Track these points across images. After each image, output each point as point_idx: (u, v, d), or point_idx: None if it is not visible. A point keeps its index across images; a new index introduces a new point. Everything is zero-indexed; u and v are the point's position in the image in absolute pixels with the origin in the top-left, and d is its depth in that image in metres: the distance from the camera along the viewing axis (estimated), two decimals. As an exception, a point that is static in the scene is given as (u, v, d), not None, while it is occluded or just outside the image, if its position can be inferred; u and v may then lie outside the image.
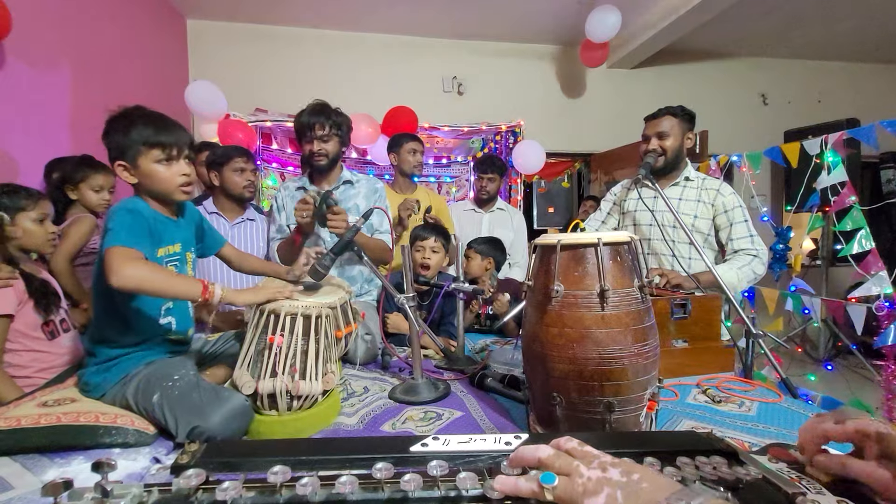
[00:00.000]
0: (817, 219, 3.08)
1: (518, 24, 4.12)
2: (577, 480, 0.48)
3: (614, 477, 0.47)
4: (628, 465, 0.49)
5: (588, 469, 0.49)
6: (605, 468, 0.49)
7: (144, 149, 1.17)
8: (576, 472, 0.49)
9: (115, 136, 1.17)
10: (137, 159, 1.17)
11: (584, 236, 0.89)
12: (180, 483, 0.51)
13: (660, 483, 0.47)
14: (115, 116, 1.19)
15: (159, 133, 1.18)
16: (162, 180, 1.19)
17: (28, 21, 2.14)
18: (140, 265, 1.05)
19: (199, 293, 1.10)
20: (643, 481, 0.46)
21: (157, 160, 1.18)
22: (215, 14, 3.89)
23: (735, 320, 1.88)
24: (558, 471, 0.50)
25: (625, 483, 0.47)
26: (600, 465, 0.49)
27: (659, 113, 1.91)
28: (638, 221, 2.00)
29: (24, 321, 1.52)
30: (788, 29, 4.32)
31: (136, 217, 1.14)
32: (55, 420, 1.02)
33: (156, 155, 1.17)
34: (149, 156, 1.17)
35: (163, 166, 1.18)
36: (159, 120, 1.20)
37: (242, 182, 2.17)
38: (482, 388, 1.35)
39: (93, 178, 2.05)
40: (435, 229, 2.06)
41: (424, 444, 0.59)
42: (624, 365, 0.85)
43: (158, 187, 1.20)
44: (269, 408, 1.10)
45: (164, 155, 1.18)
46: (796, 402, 1.22)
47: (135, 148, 1.16)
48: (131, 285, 1.04)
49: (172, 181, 1.20)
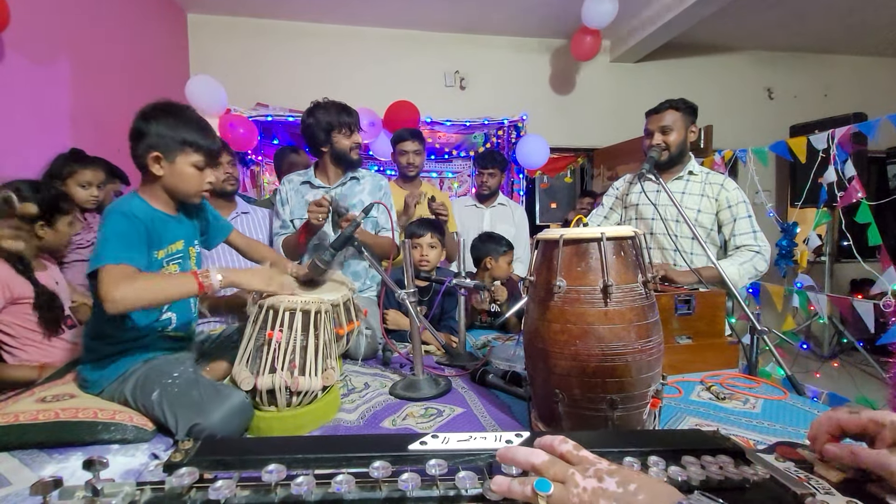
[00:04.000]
0: (823, 214, 3.05)
1: (521, 18, 4.08)
2: (572, 490, 0.46)
3: (610, 488, 0.46)
4: (625, 473, 0.48)
5: (584, 478, 0.47)
6: (601, 477, 0.47)
7: (189, 150, 1.17)
8: (571, 481, 0.47)
9: (161, 128, 1.15)
10: (177, 157, 1.16)
11: (588, 231, 0.88)
12: (173, 482, 0.50)
13: (658, 492, 0.45)
14: (163, 107, 1.18)
15: (206, 139, 1.19)
16: (190, 184, 1.20)
17: (27, 14, 2.12)
18: (130, 284, 1.02)
19: (195, 287, 1.08)
20: (640, 492, 0.45)
21: (194, 164, 1.18)
22: (216, 8, 3.87)
23: (739, 316, 1.86)
24: (553, 478, 0.48)
25: (620, 495, 0.45)
26: (596, 474, 0.47)
27: (661, 107, 1.88)
28: (641, 215, 1.98)
29: (25, 317, 1.52)
30: (794, 22, 4.26)
31: (130, 222, 1.11)
32: (53, 416, 1.01)
33: (196, 159, 1.18)
34: (189, 157, 1.18)
35: (196, 171, 1.19)
36: (206, 126, 1.22)
37: (220, 176, 2.04)
38: (483, 384, 1.34)
39: (80, 174, 2.01)
40: (430, 224, 2.03)
41: (423, 443, 0.58)
42: (627, 361, 0.83)
43: (182, 188, 1.20)
44: (268, 404, 1.09)
45: (204, 162, 1.20)
46: (801, 400, 1.21)
47: (179, 146, 1.16)
48: (126, 307, 1.03)
49: (199, 186, 1.22)
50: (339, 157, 1.96)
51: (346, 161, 1.98)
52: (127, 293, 1.01)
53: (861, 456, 0.55)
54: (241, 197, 2.37)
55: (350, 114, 1.93)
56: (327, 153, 1.96)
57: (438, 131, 3.91)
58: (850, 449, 0.56)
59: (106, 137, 2.41)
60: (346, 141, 1.93)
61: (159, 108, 1.18)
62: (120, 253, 1.05)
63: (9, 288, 1.49)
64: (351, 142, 1.94)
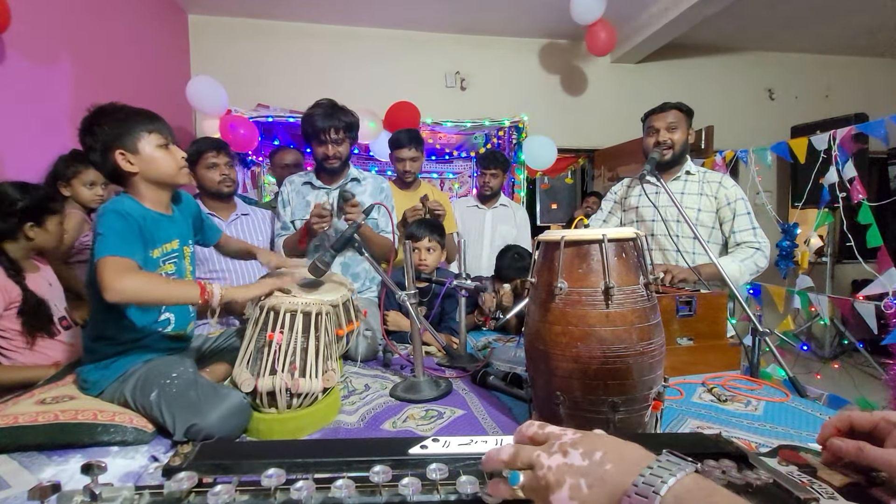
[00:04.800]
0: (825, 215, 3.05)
1: (522, 18, 4.08)
2: (538, 474, 0.44)
3: (576, 462, 0.43)
4: (590, 441, 0.45)
5: (549, 457, 0.45)
6: (565, 451, 0.44)
7: (146, 134, 1.17)
8: (537, 463, 0.45)
9: (111, 126, 1.15)
10: (138, 144, 1.17)
11: (589, 232, 0.87)
12: (172, 486, 0.50)
13: (626, 457, 0.43)
14: (98, 111, 1.17)
15: (154, 120, 1.20)
16: (165, 164, 1.20)
17: (28, 15, 2.12)
18: (133, 277, 1.03)
19: (198, 295, 1.09)
20: (607, 461, 0.42)
21: (158, 144, 1.19)
22: (217, 9, 3.87)
23: (741, 318, 1.86)
24: (521, 466, 0.47)
25: (587, 468, 0.43)
26: (560, 449, 0.45)
27: (665, 107, 1.89)
28: (641, 217, 1.98)
29: (19, 321, 1.52)
30: (795, 22, 4.26)
31: (125, 220, 1.11)
32: (53, 418, 1.01)
33: (156, 139, 1.19)
34: (150, 140, 1.18)
35: (163, 151, 1.20)
36: (148, 111, 1.22)
37: (217, 177, 2.05)
38: (484, 386, 1.34)
39: (84, 174, 2.01)
40: (428, 226, 2.00)
41: (424, 447, 0.57)
42: (629, 363, 0.83)
43: (161, 171, 1.20)
44: (268, 406, 1.09)
45: (164, 140, 1.20)
46: (803, 402, 1.20)
47: (135, 133, 1.16)
48: (126, 299, 1.04)
49: (174, 164, 1.21)
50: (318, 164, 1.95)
51: (322, 169, 1.95)
52: (130, 286, 1.02)
53: (868, 452, 0.54)
54: (242, 198, 2.36)
55: (329, 118, 1.85)
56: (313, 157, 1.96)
57: (439, 132, 3.91)
58: (857, 445, 0.56)
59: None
60: (319, 149, 1.89)
61: (95, 113, 1.17)
62: (120, 246, 1.06)
63: (7, 292, 1.49)
64: (324, 150, 1.88)
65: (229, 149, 2.21)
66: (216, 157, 2.06)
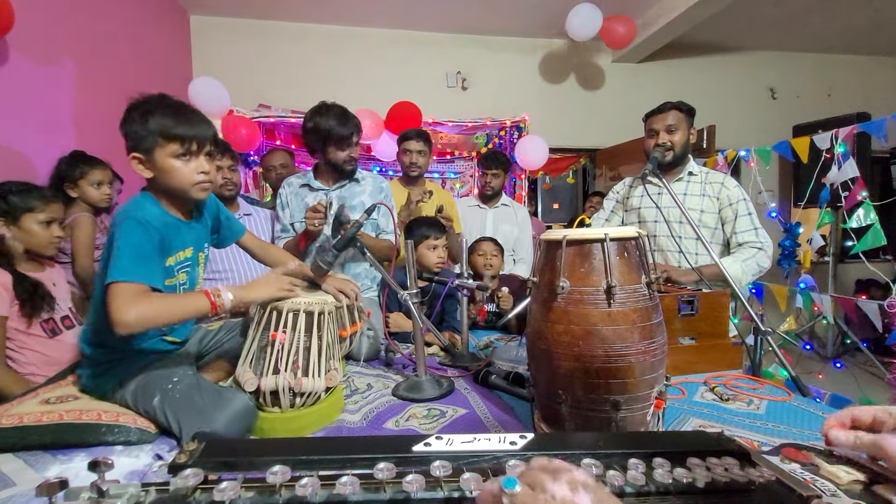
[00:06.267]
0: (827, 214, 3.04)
1: (523, 18, 4.08)
2: (539, 496, 0.42)
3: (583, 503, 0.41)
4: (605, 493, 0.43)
5: (554, 483, 0.42)
6: (575, 487, 0.42)
7: (162, 141, 1.07)
8: (540, 485, 0.43)
9: (132, 126, 1.07)
10: (153, 152, 1.07)
11: (591, 232, 0.87)
12: (178, 483, 0.50)
13: None
14: (135, 103, 1.09)
15: (179, 125, 1.07)
16: (178, 177, 1.09)
17: (30, 16, 2.13)
18: (142, 305, 0.97)
19: (208, 308, 1.04)
20: None
21: (174, 154, 1.08)
22: (218, 9, 3.88)
23: (743, 317, 1.86)
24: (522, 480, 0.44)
25: None
26: (570, 483, 0.42)
27: (664, 107, 1.88)
28: (643, 218, 1.97)
29: (22, 319, 1.53)
30: (797, 22, 4.25)
31: (145, 231, 1.04)
32: (57, 418, 1.01)
33: (173, 149, 1.07)
34: (166, 149, 1.07)
35: (180, 162, 1.09)
36: (181, 110, 1.10)
37: (218, 181, 2.00)
38: (486, 385, 1.34)
39: (91, 174, 2.02)
40: (439, 226, 2.03)
41: (427, 444, 0.58)
42: (631, 362, 0.83)
43: (173, 184, 1.10)
44: (271, 405, 1.09)
45: (183, 149, 1.08)
46: (805, 401, 1.20)
47: (151, 139, 1.06)
48: (137, 331, 0.98)
49: (189, 179, 1.10)
50: (332, 167, 1.96)
51: (340, 171, 1.98)
52: (139, 316, 0.96)
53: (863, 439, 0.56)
54: (244, 198, 2.37)
55: (347, 125, 1.88)
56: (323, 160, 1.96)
57: (440, 132, 3.91)
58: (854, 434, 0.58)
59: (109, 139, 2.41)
60: (341, 154, 1.92)
61: (131, 105, 1.09)
62: (133, 269, 0.99)
63: (8, 291, 1.50)
64: (346, 154, 1.92)
65: (234, 151, 2.21)
66: (219, 159, 2.03)
